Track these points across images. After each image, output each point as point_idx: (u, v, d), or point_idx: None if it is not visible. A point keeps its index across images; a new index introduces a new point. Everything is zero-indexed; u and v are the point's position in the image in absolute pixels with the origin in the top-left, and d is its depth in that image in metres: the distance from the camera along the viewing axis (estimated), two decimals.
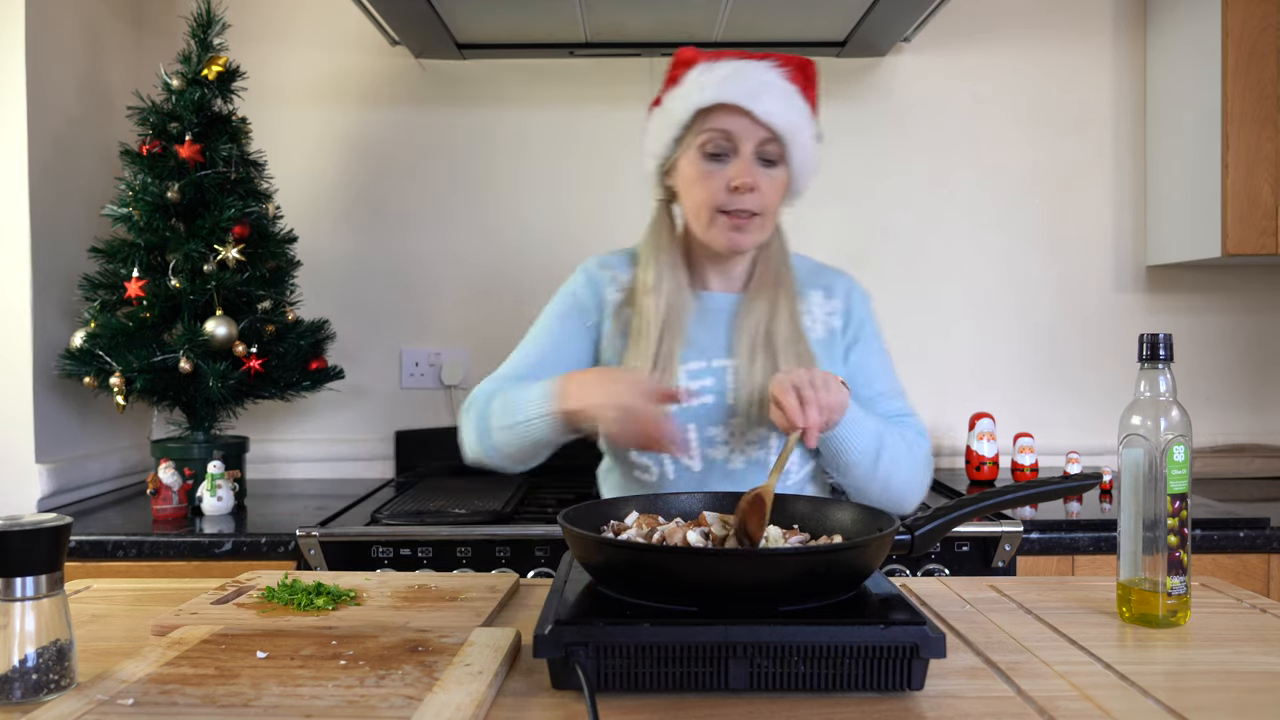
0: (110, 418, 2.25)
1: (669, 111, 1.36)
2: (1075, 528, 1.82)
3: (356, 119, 2.49)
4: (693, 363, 1.39)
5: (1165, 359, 1.04)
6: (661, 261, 1.40)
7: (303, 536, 1.75)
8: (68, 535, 0.82)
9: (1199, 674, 0.89)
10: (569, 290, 1.47)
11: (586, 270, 1.47)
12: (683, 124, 1.34)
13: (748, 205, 1.31)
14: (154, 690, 0.81)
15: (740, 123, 1.30)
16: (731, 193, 1.31)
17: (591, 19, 2.16)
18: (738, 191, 1.31)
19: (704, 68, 1.33)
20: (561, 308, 1.46)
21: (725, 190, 1.31)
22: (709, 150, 1.32)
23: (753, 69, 1.32)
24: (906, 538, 1.00)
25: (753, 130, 1.30)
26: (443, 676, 0.83)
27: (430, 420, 2.49)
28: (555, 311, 1.46)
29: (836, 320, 1.45)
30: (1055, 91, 2.50)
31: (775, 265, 1.42)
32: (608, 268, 1.46)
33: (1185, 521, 1.02)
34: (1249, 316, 2.52)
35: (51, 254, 2.05)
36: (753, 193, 1.31)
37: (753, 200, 1.32)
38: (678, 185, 1.38)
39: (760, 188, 1.32)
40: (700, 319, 1.41)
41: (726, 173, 1.32)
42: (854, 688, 0.82)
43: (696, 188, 1.34)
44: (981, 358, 2.51)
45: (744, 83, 1.30)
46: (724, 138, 1.31)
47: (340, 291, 2.48)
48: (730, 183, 1.31)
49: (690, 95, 1.32)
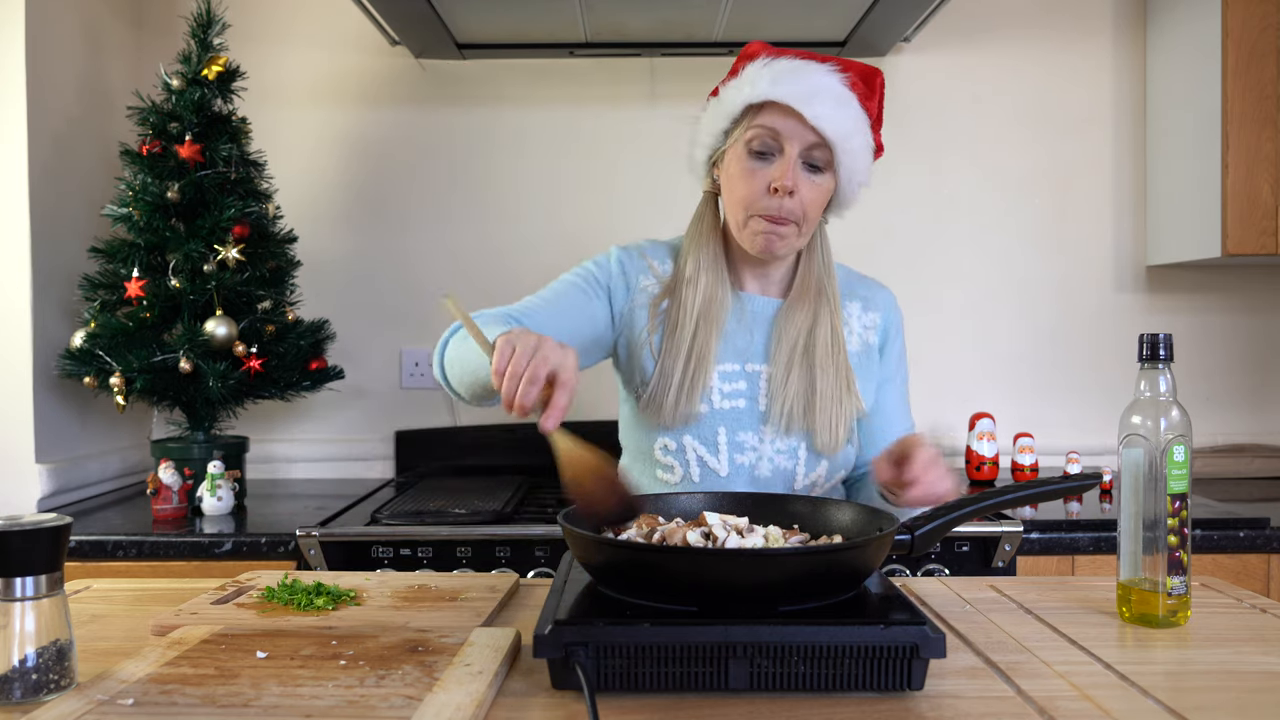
0: (110, 418, 2.25)
1: (722, 102, 1.33)
2: (1075, 528, 1.82)
3: (356, 119, 2.49)
4: (726, 364, 1.36)
5: (1165, 359, 1.04)
6: (702, 254, 1.37)
7: (303, 536, 1.75)
8: (68, 535, 0.82)
9: (1199, 674, 0.89)
10: (594, 265, 1.42)
11: (628, 250, 1.43)
12: (733, 117, 1.32)
13: (784, 210, 1.28)
14: (154, 690, 0.81)
15: (789, 123, 1.27)
16: (771, 194, 1.28)
17: (591, 19, 2.16)
18: (777, 193, 1.27)
19: (763, 62, 1.30)
20: (578, 280, 1.40)
21: (765, 191, 1.28)
22: (755, 148, 1.29)
23: (810, 70, 1.28)
24: (906, 538, 0.99)
25: (801, 132, 1.27)
26: (443, 676, 0.83)
27: (430, 420, 2.49)
28: (568, 280, 1.41)
29: (874, 336, 1.43)
30: (1055, 91, 2.50)
31: (818, 274, 1.39)
32: (648, 255, 1.42)
33: (1185, 521, 1.02)
34: (1249, 316, 2.52)
35: (51, 254, 2.05)
36: (791, 197, 1.27)
37: (791, 205, 1.28)
38: (723, 179, 1.35)
39: (801, 193, 1.28)
40: (738, 319, 1.38)
41: (769, 173, 1.28)
42: (854, 688, 0.82)
43: (738, 184, 1.31)
44: (981, 358, 2.52)
45: (798, 83, 1.26)
46: (771, 136, 1.28)
47: (340, 291, 2.48)
48: (771, 183, 1.27)
49: (743, 89, 1.29)
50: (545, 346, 1.02)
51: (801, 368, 1.34)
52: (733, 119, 1.32)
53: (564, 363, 1.02)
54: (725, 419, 1.35)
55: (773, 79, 1.27)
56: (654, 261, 1.42)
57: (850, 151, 1.29)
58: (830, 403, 1.34)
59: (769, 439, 1.35)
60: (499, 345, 1.03)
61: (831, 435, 1.34)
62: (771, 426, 1.35)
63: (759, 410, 1.35)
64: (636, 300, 1.40)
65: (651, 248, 1.44)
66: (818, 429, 1.34)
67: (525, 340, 1.03)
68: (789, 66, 1.28)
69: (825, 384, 1.34)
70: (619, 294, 1.40)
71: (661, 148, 2.43)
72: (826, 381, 1.34)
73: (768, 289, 1.41)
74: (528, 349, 1.02)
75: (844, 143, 1.28)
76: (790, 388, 1.33)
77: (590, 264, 1.43)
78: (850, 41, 2.31)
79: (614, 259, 1.42)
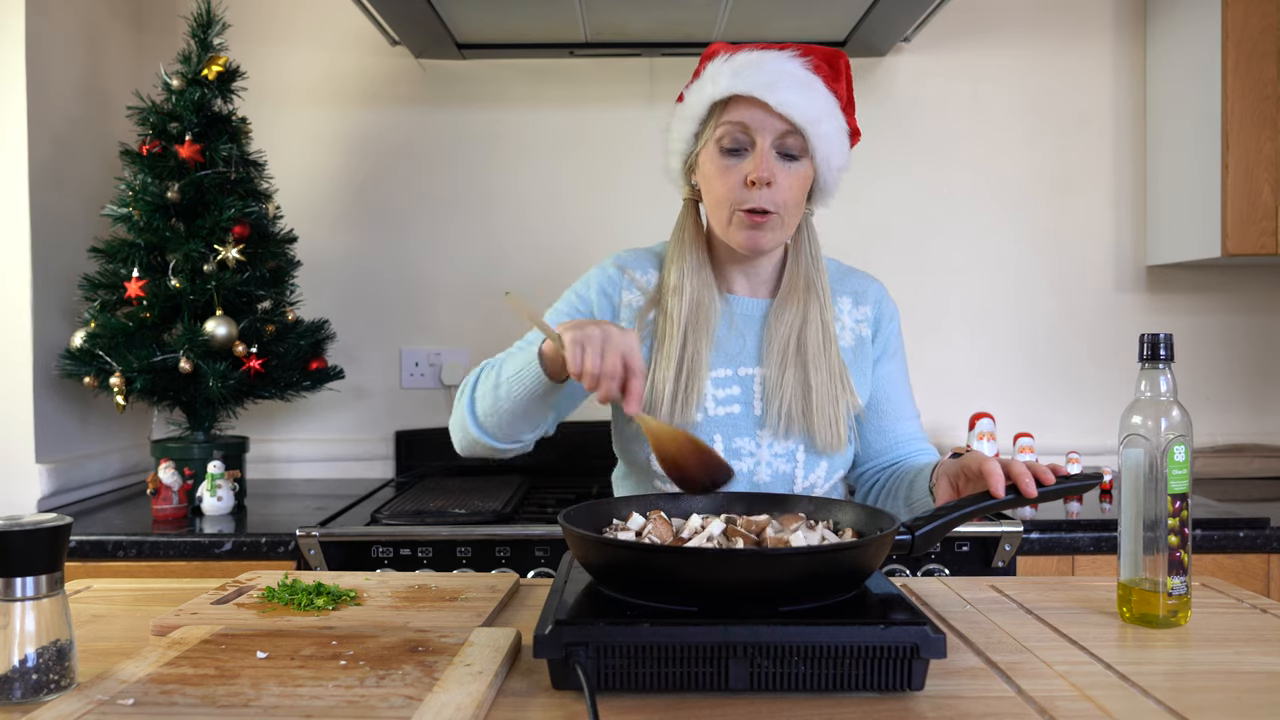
0: (110, 418, 2.25)
1: (688, 105, 1.32)
2: (1075, 528, 1.82)
3: (356, 119, 2.49)
4: (720, 370, 1.35)
5: (1165, 359, 1.04)
6: (686, 262, 1.35)
7: (303, 536, 1.75)
8: (68, 535, 0.82)
9: (1199, 674, 0.89)
10: (575, 296, 1.42)
11: (604, 271, 1.42)
12: (700, 118, 1.31)
13: (764, 202, 1.26)
14: (154, 690, 0.81)
15: (756, 114, 1.25)
16: (748, 188, 1.26)
17: (592, 19, 2.16)
18: (754, 186, 1.25)
19: (722, 59, 1.29)
20: (568, 310, 1.41)
21: (742, 186, 1.26)
22: (726, 145, 1.27)
23: (769, 58, 1.26)
24: (906, 538, 0.99)
25: (770, 122, 1.25)
26: (443, 676, 0.83)
27: (430, 420, 2.49)
28: (562, 311, 1.41)
29: (866, 329, 1.41)
30: (1055, 91, 2.50)
31: (806, 269, 1.37)
32: (629, 268, 1.41)
33: (1186, 521, 1.02)
34: (1249, 316, 2.52)
35: (51, 254, 2.05)
36: (770, 188, 1.26)
37: (770, 196, 1.26)
38: (700, 182, 1.34)
39: (779, 183, 1.26)
40: (727, 324, 1.36)
41: (744, 167, 1.26)
42: (854, 688, 0.82)
43: (715, 183, 1.29)
44: (982, 357, 2.52)
45: (759, 73, 1.25)
46: (740, 130, 1.26)
47: (340, 291, 2.48)
48: (747, 177, 1.26)
49: (706, 88, 1.28)
50: (612, 337, 1.11)
51: (795, 367, 1.32)
52: (700, 120, 1.31)
53: (630, 347, 1.11)
54: (720, 426, 1.34)
55: (734, 73, 1.26)
56: (635, 273, 1.40)
57: (823, 135, 1.27)
58: (826, 401, 1.32)
59: (766, 443, 1.34)
60: (569, 345, 1.11)
61: (832, 433, 1.33)
62: (769, 430, 1.33)
63: (754, 415, 1.34)
64: (621, 318, 1.39)
65: (633, 258, 1.43)
66: (817, 428, 1.32)
67: (591, 335, 1.11)
68: (749, 59, 1.27)
69: (819, 381, 1.32)
70: (606, 317, 1.39)
71: (661, 147, 2.42)
72: (820, 379, 1.32)
73: (756, 289, 1.39)
74: (596, 345, 1.10)
75: (814, 126, 1.26)
76: (785, 388, 1.32)
77: (572, 294, 1.43)
78: (850, 41, 2.31)
79: (593, 286, 1.41)
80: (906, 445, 1.43)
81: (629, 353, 1.11)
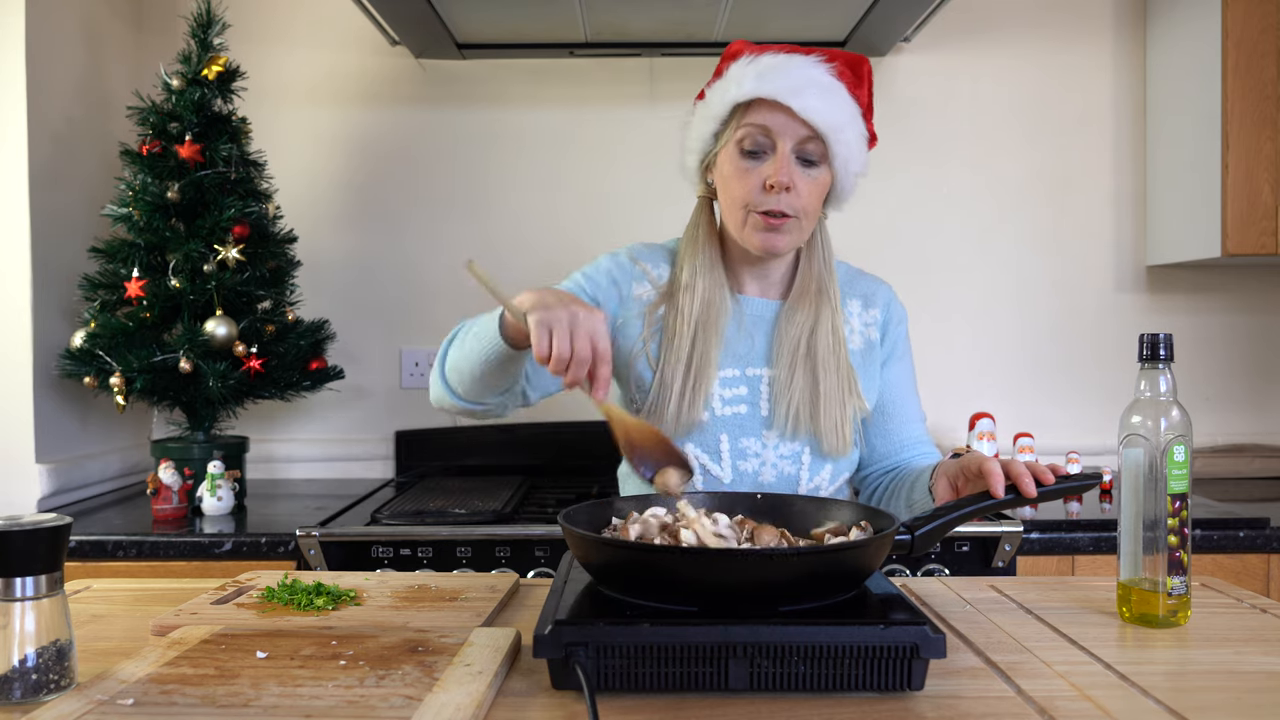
0: (110, 418, 2.25)
1: (709, 105, 1.31)
2: (1075, 528, 1.82)
3: (356, 119, 2.49)
4: (727, 370, 1.34)
5: (1165, 359, 1.04)
6: (699, 260, 1.35)
7: (303, 536, 1.75)
8: (68, 535, 0.82)
9: (1199, 674, 0.89)
10: (583, 276, 1.40)
11: (617, 259, 1.40)
12: (721, 119, 1.30)
13: (782, 206, 1.26)
14: (154, 690, 0.81)
15: (779, 119, 1.25)
16: (767, 191, 1.26)
17: (592, 19, 2.16)
18: (773, 190, 1.25)
19: (746, 60, 1.28)
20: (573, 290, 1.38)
21: (761, 189, 1.26)
22: (746, 147, 1.27)
23: (795, 63, 1.26)
24: (906, 538, 0.99)
25: (792, 127, 1.25)
26: (443, 676, 0.83)
27: (430, 420, 2.49)
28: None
29: (874, 332, 1.41)
30: (1055, 91, 2.50)
31: (819, 273, 1.37)
32: (642, 261, 1.40)
33: (1185, 521, 1.02)
34: (1249, 316, 2.52)
35: (51, 254, 2.05)
36: (789, 192, 1.25)
37: (789, 201, 1.26)
38: (717, 182, 1.34)
39: (798, 188, 1.26)
40: (736, 324, 1.36)
41: (763, 170, 1.26)
42: (854, 688, 0.82)
43: (733, 185, 1.29)
44: (982, 357, 2.52)
45: (784, 77, 1.24)
46: (762, 133, 1.26)
47: (340, 291, 2.48)
48: (766, 181, 1.26)
49: (729, 89, 1.28)
50: (579, 319, 1.04)
51: (804, 369, 1.32)
52: (721, 120, 1.30)
53: (598, 330, 1.05)
54: (727, 425, 1.33)
55: (758, 75, 1.25)
56: (648, 266, 1.39)
57: (844, 142, 1.27)
58: (834, 405, 1.32)
59: (772, 444, 1.34)
60: (534, 328, 1.05)
61: (839, 437, 1.33)
62: (775, 431, 1.33)
63: (761, 415, 1.34)
64: (630, 310, 1.38)
65: (646, 252, 1.42)
66: (823, 432, 1.32)
67: (559, 316, 1.04)
68: (774, 62, 1.26)
69: (828, 385, 1.32)
70: (610, 305, 1.38)
71: (661, 148, 2.42)
72: (829, 383, 1.32)
73: (768, 290, 1.39)
74: (564, 328, 1.04)
75: (836, 134, 1.26)
76: (794, 390, 1.32)
77: (580, 275, 1.41)
78: (850, 41, 2.31)
79: (603, 270, 1.40)
80: (911, 449, 1.43)
81: (597, 336, 1.05)
